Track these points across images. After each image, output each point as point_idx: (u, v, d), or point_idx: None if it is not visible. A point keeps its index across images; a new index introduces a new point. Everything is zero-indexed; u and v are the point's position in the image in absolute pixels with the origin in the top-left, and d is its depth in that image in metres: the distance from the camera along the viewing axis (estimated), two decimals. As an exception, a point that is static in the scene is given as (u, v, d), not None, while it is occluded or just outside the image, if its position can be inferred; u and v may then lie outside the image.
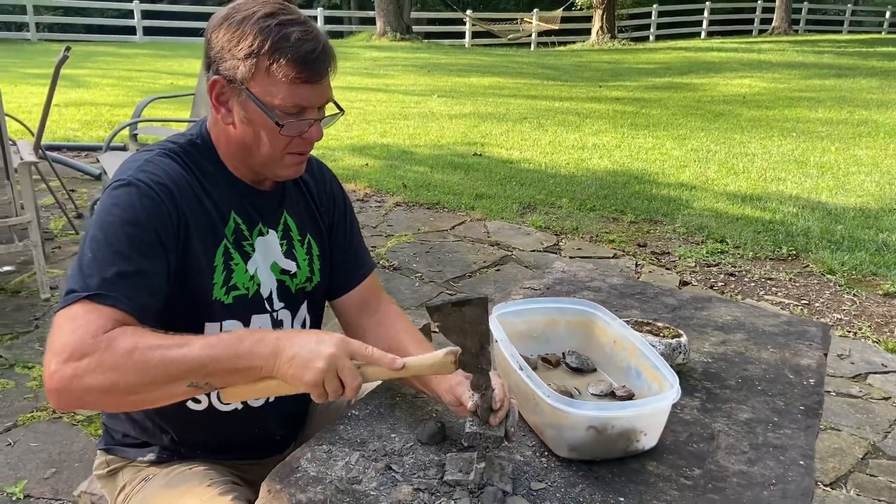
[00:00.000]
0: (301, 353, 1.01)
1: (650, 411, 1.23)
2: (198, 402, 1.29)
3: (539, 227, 4.87)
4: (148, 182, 1.15)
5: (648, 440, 1.27)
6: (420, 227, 4.83)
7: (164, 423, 1.31)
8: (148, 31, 18.17)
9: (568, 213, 5.20)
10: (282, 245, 1.33)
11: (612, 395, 1.43)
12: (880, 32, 24.82)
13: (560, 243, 4.62)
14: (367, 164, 6.45)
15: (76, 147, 6.71)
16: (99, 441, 1.40)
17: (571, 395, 1.41)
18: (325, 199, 1.43)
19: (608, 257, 4.41)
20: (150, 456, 1.32)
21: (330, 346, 1.02)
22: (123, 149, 5.54)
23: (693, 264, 4.35)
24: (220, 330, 1.25)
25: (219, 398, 1.30)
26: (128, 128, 4.74)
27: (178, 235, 1.16)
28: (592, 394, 1.44)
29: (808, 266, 4.36)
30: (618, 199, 5.54)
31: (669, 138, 8.05)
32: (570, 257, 4.36)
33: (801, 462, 1.29)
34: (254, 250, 1.28)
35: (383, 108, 9.55)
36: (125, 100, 9.10)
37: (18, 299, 3.54)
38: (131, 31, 18.09)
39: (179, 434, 1.32)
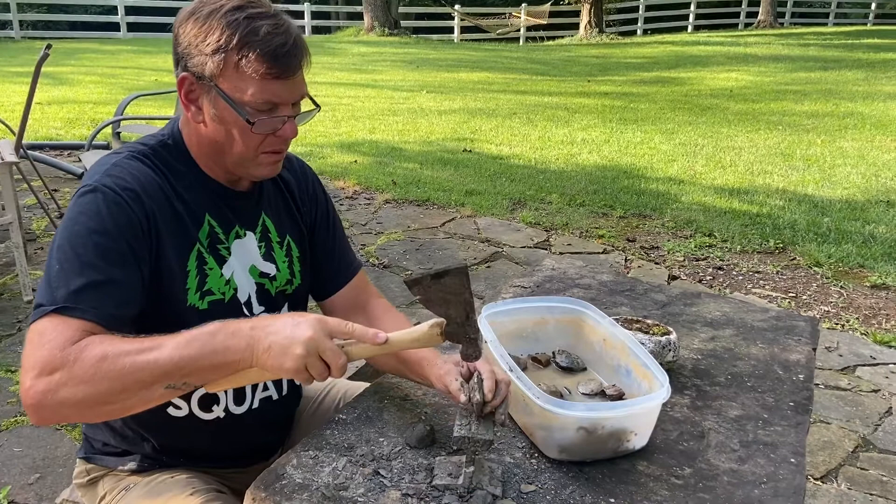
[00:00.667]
0: (278, 341, 0.98)
1: (640, 411, 1.22)
2: (178, 408, 1.26)
3: (529, 223, 4.86)
4: (114, 187, 1.11)
5: (639, 440, 1.26)
6: (410, 225, 4.81)
7: (145, 432, 1.28)
8: (132, 26, 18.00)
9: (558, 209, 5.19)
10: (260, 247, 1.30)
11: (602, 394, 1.42)
12: (866, 24, 24.95)
13: (550, 239, 4.61)
14: (355, 161, 6.41)
15: (58, 146, 6.64)
16: (79, 449, 1.38)
17: (561, 395, 1.40)
18: (306, 199, 1.40)
19: (598, 253, 4.40)
20: (131, 465, 1.30)
21: (307, 329, 0.98)
22: (107, 147, 5.48)
23: (682, 258, 4.35)
24: None
25: (199, 404, 1.28)
26: (111, 126, 4.69)
27: (149, 242, 1.13)
28: (583, 393, 1.43)
29: (795, 259, 4.37)
30: (607, 195, 5.54)
31: (658, 133, 8.06)
32: (560, 253, 4.35)
33: (793, 460, 1.28)
34: (230, 254, 1.25)
35: (372, 105, 9.51)
36: (108, 97, 9.01)
37: (1, 302, 3.49)
38: (115, 27, 17.92)
39: (161, 442, 1.29)
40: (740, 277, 4.09)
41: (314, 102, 1.24)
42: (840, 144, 7.54)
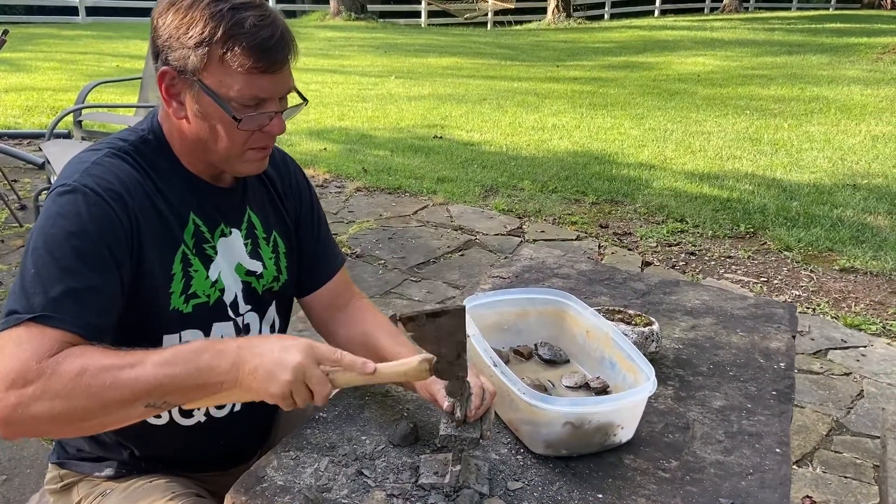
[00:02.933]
0: (264, 365, 0.95)
1: (627, 405, 1.21)
2: (158, 416, 1.21)
3: (502, 211, 4.84)
4: (95, 188, 1.05)
5: (625, 433, 1.25)
6: (382, 213, 4.76)
7: (122, 439, 1.23)
8: (91, 11, 17.49)
9: (530, 196, 5.18)
10: (246, 245, 1.25)
11: (586, 387, 1.40)
12: (828, 9, 25.32)
13: (523, 226, 4.60)
14: (325, 149, 6.32)
15: (17, 135, 6.43)
16: (50, 454, 1.32)
17: (545, 389, 1.38)
18: (290, 193, 1.35)
19: (571, 239, 4.40)
20: (108, 471, 1.25)
21: (296, 354, 0.95)
22: (68, 136, 5.32)
23: (654, 244, 4.37)
24: (180, 341, 1.16)
25: (180, 410, 1.23)
26: (72, 114, 4.55)
27: (131, 247, 1.07)
28: (566, 386, 1.41)
29: (765, 243, 4.42)
30: (579, 181, 5.54)
31: (627, 118, 8.09)
32: (535, 241, 4.34)
33: (778, 450, 1.28)
34: (216, 253, 1.20)
35: (340, 91, 9.38)
36: (69, 84, 8.74)
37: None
38: (73, 11, 17.40)
39: (139, 449, 1.25)
40: (712, 263, 4.13)
41: (301, 96, 1.19)
42: (806, 129, 7.65)
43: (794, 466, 2.38)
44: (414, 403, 1.36)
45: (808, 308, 3.57)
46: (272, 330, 1.33)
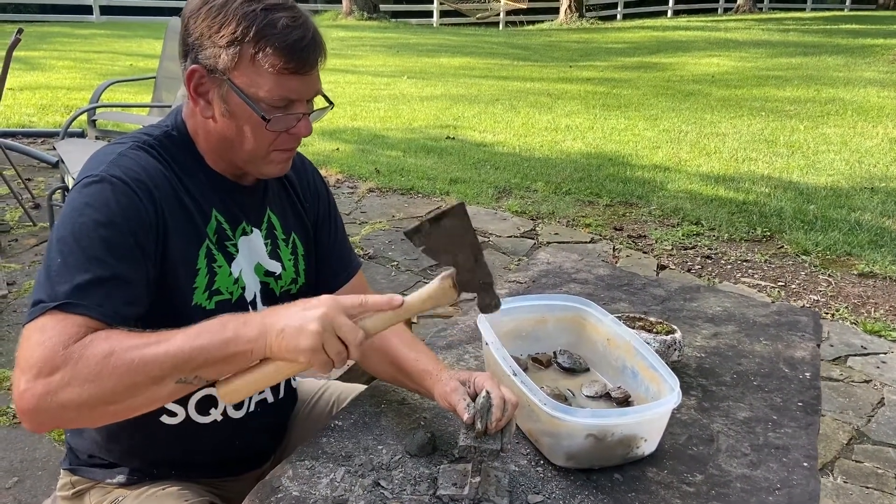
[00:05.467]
0: (291, 323, 0.93)
1: (651, 417, 1.18)
2: (173, 415, 1.19)
3: (515, 212, 4.80)
4: (123, 178, 1.04)
5: (648, 446, 1.22)
6: (395, 214, 4.73)
7: (134, 444, 1.21)
8: (105, 10, 17.57)
9: (544, 197, 5.14)
10: (266, 245, 1.24)
11: (607, 396, 1.37)
12: (843, 10, 25.10)
13: (537, 228, 4.56)
14: (337, 149, 6.31)
15: (32, 133, 6.46)
16: (63, 460, 1.30)
17: (565, 398, 1.35)
18: (308, 195, 1.34)
19: (585, 242, 4.36)
20: (120, 478, 1.23)
21: (320, 306, 0.94)
22: (82, 135, 5.33)
23: (670, 247, 4.32)
24: None
25: (196, 408, 1.20)
26: (86, 113, 4.55)
27: (157, 238, 1.06)
28: (587, 396, 1.38)
29: (782, 247, 4.37)
30: (593, 182, 5.49)
31: (641, 119, 8.02)
32: (548, 243, 4.31)
33: (805, 464, 1.25)
34: (237, 251, 1.19)
35: (353, 90, 9.37)
36: (83, 83, 8.78)
37: (-25, 296, 3.37)
38: (87, 10, 17.48)
39: (151, 455, 1.23)
40: (729, 266, 4.08)
41: (327, 99, 1.18)
42: (823, 131, 7.56)
43: (815, 476, 2.34)
44: (431, 412, 1.33)
45: (827, 313, 3.51)
46: None
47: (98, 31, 14.90)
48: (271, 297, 1.25)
